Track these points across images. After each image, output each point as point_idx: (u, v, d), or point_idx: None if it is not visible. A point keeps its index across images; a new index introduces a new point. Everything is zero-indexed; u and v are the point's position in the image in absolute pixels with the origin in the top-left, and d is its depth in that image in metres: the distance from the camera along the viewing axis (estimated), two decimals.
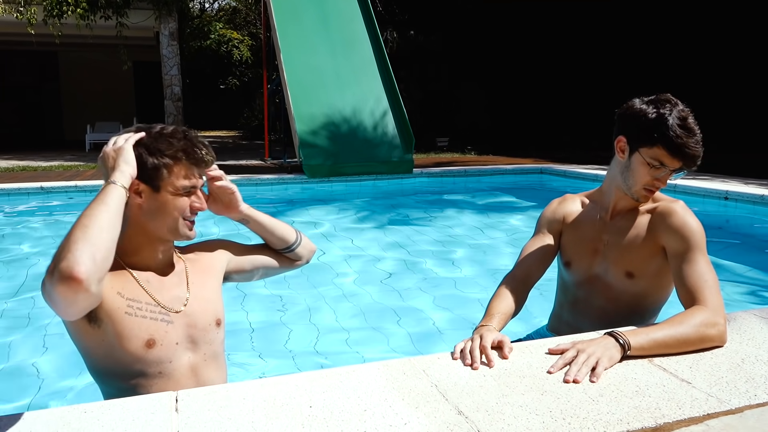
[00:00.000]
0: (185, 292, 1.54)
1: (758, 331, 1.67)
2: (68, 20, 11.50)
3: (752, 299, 3.73)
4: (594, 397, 1.29)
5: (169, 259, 1.56)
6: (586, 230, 1.89)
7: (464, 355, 1.48)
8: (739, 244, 5.29)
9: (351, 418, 1.20)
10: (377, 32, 9.62)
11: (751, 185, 6.43)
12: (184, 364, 1.51)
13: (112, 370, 1.45)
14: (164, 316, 1.47)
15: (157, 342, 1.45)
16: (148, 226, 1.46)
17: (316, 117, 8.65)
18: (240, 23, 22.09)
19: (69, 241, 1.24)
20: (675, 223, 1.69)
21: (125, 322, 1.41)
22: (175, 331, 1.49)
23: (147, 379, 1.46)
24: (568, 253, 1.92)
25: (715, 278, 1.61)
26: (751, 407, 1.26)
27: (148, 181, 1.42)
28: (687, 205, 1.76)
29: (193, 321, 1.53)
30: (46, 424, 1.17)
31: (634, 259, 1.78)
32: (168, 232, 1.48)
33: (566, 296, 1.98)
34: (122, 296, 1.42)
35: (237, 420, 1.19)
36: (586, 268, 1.88)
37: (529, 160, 10.36)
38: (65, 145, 15.86)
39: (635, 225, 1.79)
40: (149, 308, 1.45)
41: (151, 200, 1.44)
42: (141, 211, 1.45)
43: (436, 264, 4.60)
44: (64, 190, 7.26)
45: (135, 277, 1.47)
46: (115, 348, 1.42)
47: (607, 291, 1.85)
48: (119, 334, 1.41)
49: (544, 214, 1.98)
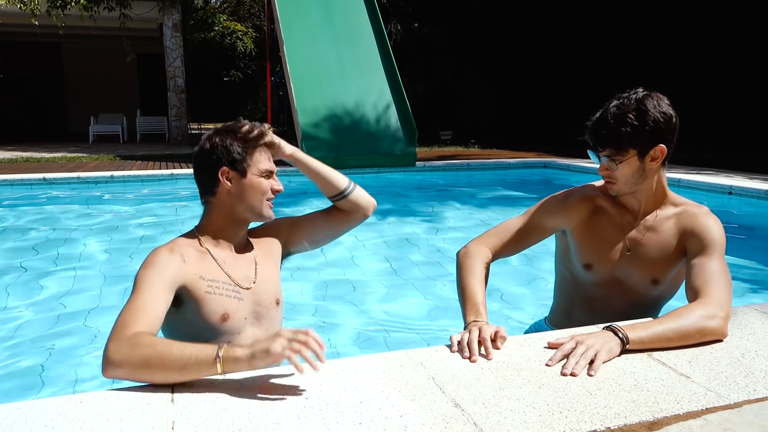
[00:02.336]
0: (253, 272, 1.70)
1: (759, 326, 1.66)
2: (71, 11, 11.49)
3: (755, 294, 3.71)
4: (592, 390, 1.28)
5: (243, 241, 1.74)
6: (608, 232, 1.83)
7: (462, 347, 1.47)
8: (742, 238, 5.27)
9: (347, 410, 1.20)
10: (381, 25, 9.58)
11: (755, 180, 6.40)
12: (249, 337, 1.64)
13: (188, 338, 1.55)
14: (236, 293, 1.63)
15: (230, 316, 1.61)
16: (235, 209, 1.65)
17: (318, 110, 8.64)
18: (244, 15, 22.06)
19: (143, 349, 1.28)
20: (698, 227, 1.70)
21: (206, 300, 1.58)
22: (244, 307, 1.65)
23: None
24: (588, 254, 1.85)
25: (726, 277, 1.59)
26: (750, 402, 1.25)
27: (237, 167, 1.62)
28: (710, 210, 1.76)
29: (259, 299, 1.69)
30: (42, 414, 1.17)
31: (660, 266, 1.77)
32: (251, 212, 1.66)
33: (579, 293, 1.92)
34: (204, 279, 1.59)
35: (232, 411, 1.18)
36: (609, 271, 1.83)
37: (533, 153, 10.33)
38: (69, 137, 15.89)
39: (661, 230, 1.77)
40: (225, 286, 1.62)
41: (239, 184, 1.63)
42: (230, 196, 1.64)
43: (438, 257, 4.59)
44: (67, 181, 7.27)
45: (214, 257, 1.64)
46: (194, 322, 1.58)
47: (630, 294, 1.82)
48: (199, 311, 1.58)
49: (548, 206, 1.88)
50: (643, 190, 1.77)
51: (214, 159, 1.62)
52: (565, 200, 1.87)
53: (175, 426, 1.13)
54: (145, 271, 1.50)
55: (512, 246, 1.87)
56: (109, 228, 5.55)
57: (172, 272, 1.52)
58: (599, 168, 1.75)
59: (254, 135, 1.65)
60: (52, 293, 3.72)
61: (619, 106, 1.67)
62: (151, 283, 1.47)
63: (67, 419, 1.15)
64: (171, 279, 1.51)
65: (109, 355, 1.29)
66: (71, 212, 6.27)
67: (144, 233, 5.33)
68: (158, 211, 6.37)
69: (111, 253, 4.64)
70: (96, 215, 6.15)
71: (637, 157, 1.68)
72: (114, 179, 7.40)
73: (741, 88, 10.91)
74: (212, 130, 1.68)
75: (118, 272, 4.12)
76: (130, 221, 5.83)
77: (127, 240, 5.13)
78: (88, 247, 4.87)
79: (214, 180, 1.63)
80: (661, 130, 1.66)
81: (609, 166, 1.71)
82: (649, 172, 1.72)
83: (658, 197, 1.79)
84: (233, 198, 1.64)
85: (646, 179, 1.73)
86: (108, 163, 9.04)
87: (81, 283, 3.92)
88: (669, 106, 1.68)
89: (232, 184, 1.63)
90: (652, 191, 1.77)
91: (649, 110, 1.64)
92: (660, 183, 1.77)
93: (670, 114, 1.67)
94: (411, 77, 13.60)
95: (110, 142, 14.41)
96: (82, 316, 3.34)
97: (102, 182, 7.35)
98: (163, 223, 5.77)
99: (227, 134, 1.64)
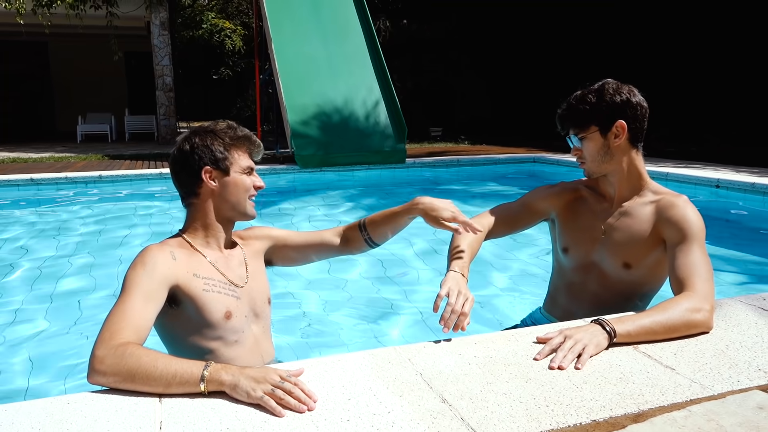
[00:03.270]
0: (244, 271, 1.72)
1: (743, 318, 1.67)
2: (58, 10, 11.39)
3: (741, 286, 3.75)
4: (578, 384, 1.30)
5: (231, 241, 1.74)
6: (586, 218, 1.92)
7: (444, 318, 1.53)
8: (729, 231, 5.32)
9: (335, 407, 1.20)
10: (369, 21, 9.56)
11: (742, 173, 6.45)
12: (251, 335, 1.69)
13: (193, 342, 1.59)
14: (233, 292, 1.64)
15: (233, 314, 1.62)
16: (220, 208, 1.66)
17: (307, 107, 8.61)
18: (232, 13, 21.93)
19: (127, 361, 1.26)
20: (675, 215, 1.71)
21: (205, 298, 1.57)
22: (242, 305, 1.67)
23: (226, 346, 1.62)
24: (566, 239, 1.96)
25: (708, 269, 1.61)
26: (733, 393, 1.27)
27: (220, 166, 1.63)
28: (689, 200, 1.78)
29: (254, 297, 1.71)
30: (29, 416, 1.17)
31: (632, 251, 1.80)
32: (235, 211, 1.67)
33: (562, 280, 2.01)
34: (198, 276, 1.58)
35: (220, 410, 1.19)
36: (583, 255, 1.91)
37: (522, 149, 10.35)
38: (57, 136, 15.74)
39: (637, 216, 1.80)
40: (221, 285, 1.62)
41: (223, 183, 1.64)
42: (214, 195, 1.64)
43: (426, 254, 4.60)
44: (55, 181, 7.21)
45: (205, 255, 1.65)
46: (197, 321, 1.58)
47: (603, 278, 1.87)
48: (200, 309, 1.57)
49: (539, 193, 2.03)
50: (615, 173, 1.83)
51: (196, 159, 1.62)
52: (553, 187, 2.04)
53: (162, 426, 1.13)
54: (134, 272, 1.48)
55: (504, 226, 2.01)
56: (98, 229, 5.52)
57: (162, 271, 1.50)
58: (572, 150, 1.86)
59: (235, 134, 1.67)
60: (38, 295, 3.70)
61: (582, 91, 1.81)
62: (140, 284, 1.45)
63: (54, 420, 1.15)
64: (161, 278, 1.49)
65: (94, 364, 1.28)
66: (59, 213, 6.24)
67: (132, 233, 5.30)
68: (147, 211, 6.34)
69: (99, 254, 4.61)
70: (84, 216, 6.11)
71: (599, 133, 1.78)
72: (102, 179, 7.35)
73: (729, 83, 10.98)
74: (187, 132, 1.69)
75: (106, 273, 4.10)
76: (119, 222, 5.80)
77: (116, 240, 5.10)
78: (77, 247, 4.84)
79: (197, 181, 1.63)
80: (619, 107, 1.75)
81: (577, 145, 1.83)
82: (616, 150, 1.79)
83: (633, 183, 1.84)
84: (217, 197, 1.65)
85: (613, 157, 1.80)
86: (96, 163, 8.98)
87: (68, 285, 3.90)
88: (631, 90, 1.78)
89: (216, 183, 1.63)
90: (624, 174, 1.83)
91: (607, 90, 1.77)
92: (635, 168, 1.83)
93: (629, 95, 1.76)
94: (400, 74, 13.58)
95: (98, 141, 14.30)
96: (68, 317, 3.32)
97: (90, 182, 7.30)
98: (153, 223, 5.75)
99: (206, 134, 1.65)
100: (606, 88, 1.77)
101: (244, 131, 1.70)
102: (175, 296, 1.54)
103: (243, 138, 1.68)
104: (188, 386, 1.23)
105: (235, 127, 1.69)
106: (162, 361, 1.25)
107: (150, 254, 1.53)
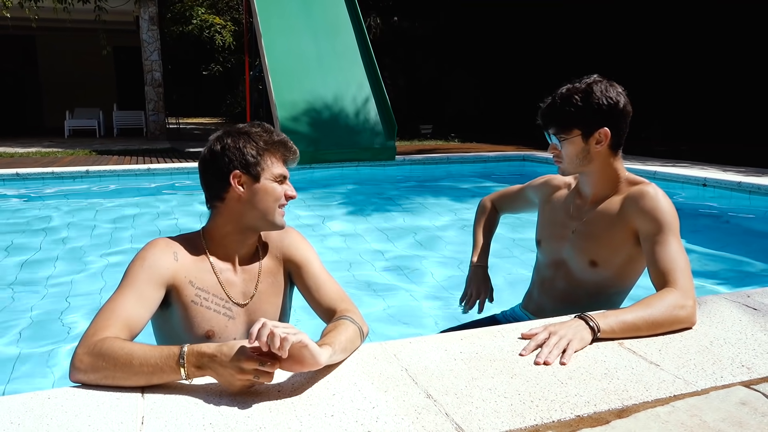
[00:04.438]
0: (253, 287, 1.60)
1: (728, 315, 1.68)
2: (45, 4, 11.28)
3: (725, 283, 3.77)
4: (563, 379, 1.30)
5: (250, 253, 1.62)
6: (559, 214, 1.93)
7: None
8: (716, 229, 5.36)
9: (319, 402, 1.20)
10: (360, 17, 9.54)
11: (729, 172, 6.51)
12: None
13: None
14: (227, 310, 1.55)
15: (216, 334, 1.53)
16: (245, 216, 1.53)
17: (297, 103, 8.59)
18: (222, 8, 21.77)
19: (105, 358, 1.24)
20: (646, 205, 1.67)
21: (190, 310, 1.50)
22: (235, 327, 1.56)
23: None
24: (540, 232, 2.00)
25: (686, 261, 1.60)
26: (716, 388, 1.27)
27: (250, 171, 1.51)
28: (660, 188, 1.73)
29: (254, 318, 1.57)
30: (9, 411, 1.15)
31: (600, 249, 1.78)
32: (262, 220, 1.54)
33: (537, 275, 2.04)
34: (193, 285, 1.51)
35: (203, 405, 1.18)
36: (554, 250, 1.92)
37: (512, 147, 10.38)
38: (45, 132, 15.62)
39: (607, 213, 1.77)
40: (215, 300, 1.53)
41: (251, 189, 1.52)
42: (240, 202, 1.52)
43: (416, 250, 4.60)
44: (41, 176, 7.14)
45: (213, 264, 1.55)
46: (178, 331, 1.52)
47: (570, 276, 1.87)
48: (182, 320, 1.51)
49: (532, 182, 2.13)
50: (592, 173, 1.79)
51: (226, 161, 1.50)
52: (541, 178, 2.10)
53: (144, 421, 1.12)
54: (133, 265, 1.45)
55: (509, 206, 2.28)
56: (84, 224, 5.47)
57: (161, 269, 1.45)
58: (549, 147, 1.83)
59: (270, 138, 1.55)
60: (24, 290, 3.66)
61: (569, 88, 1.74)
62: (138, 280, 1.42)
63: (34, 416, 1.13)
64: (161, 276, 1.45)
65: (74, 362, 1.26)
66: (45, 208, 6.18)
67: (120, 229, 5.26)
68: (135, 207, 6.30)
69: (86, 250, 4.58)
70: (71, 211, 6.06)
71: (581, 138, 1.72)
72: (89, 174, 7.29)
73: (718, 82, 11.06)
74: (220, 131, 1.57)
75: (92, 269, 4.07)
76: (106, 217, 5.75)
77: (102, 236, 5.06)
78: (63, 243, 4.80)
79: (224, 184, 1.51)
80: (605, 113, 1.69)
81: (556, 144, 1.79)
82: (595, 155, 1.74)
83: (611, 184, 1.80)
84: (244, 204, 1.52)
85: (591, 161, 1.75)
86: (84, 158, 8.90)
87: (55, 280, 3.86)
88: (620, 94, 1.71)
89: (244, 189, 1.51)
90: (601, 176, 1.79)
91: (594, 93, 1.69)
92: (612, 169, 1.78)
93: (617, 100, 1.69)
94: (391, 71, 13.58)
95: (86, 136, 14.19)
96: (54, 313, 3.29)
97: (78, 177, 7.24)
98: (140, 220, 5.71)
99: (240, 136, 1.53)
100: (593, 90, 1.68)
101: (280, 136, 1.58)
102: (168, 297, 1.49)
103: (278, 143, 1.56)
104: (169, 375, 1.23)
105: (272, 130, 1.57)
106: (138, 355, 1.22)
107: (152, 249, 1.48)
